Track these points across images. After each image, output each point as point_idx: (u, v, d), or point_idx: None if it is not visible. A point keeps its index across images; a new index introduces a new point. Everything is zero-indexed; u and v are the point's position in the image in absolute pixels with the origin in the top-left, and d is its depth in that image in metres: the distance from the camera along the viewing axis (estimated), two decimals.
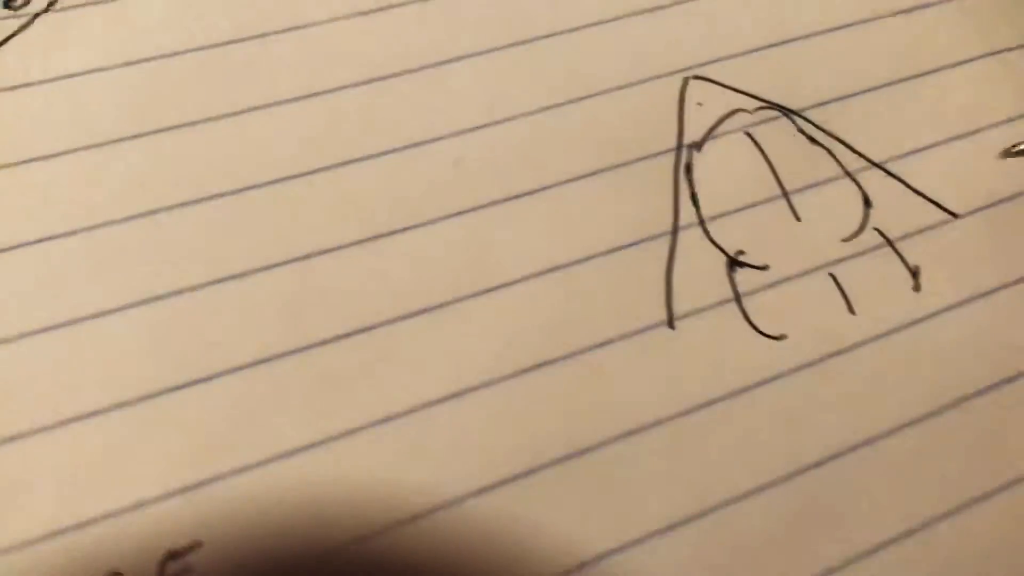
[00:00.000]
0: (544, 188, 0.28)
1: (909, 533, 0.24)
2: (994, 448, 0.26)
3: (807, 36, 0.31)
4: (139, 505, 0.22)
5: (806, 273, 0.27)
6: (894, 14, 0.31)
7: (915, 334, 0.27)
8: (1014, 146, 0.27)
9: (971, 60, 0.31)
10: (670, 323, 0.26)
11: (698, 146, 0.29)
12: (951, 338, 0.27)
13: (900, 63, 0.31)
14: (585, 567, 0.23)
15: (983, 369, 0.27)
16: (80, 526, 0.22)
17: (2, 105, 0.26)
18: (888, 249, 0.28)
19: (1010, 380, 0.27)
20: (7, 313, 0.24)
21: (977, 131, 0.30)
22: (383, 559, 0.22)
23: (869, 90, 0.30)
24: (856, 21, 0.31)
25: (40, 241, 0.25)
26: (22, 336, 0.23)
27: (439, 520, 0.23)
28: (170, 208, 0.26)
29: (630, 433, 0.25)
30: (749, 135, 0.29)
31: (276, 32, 0.29)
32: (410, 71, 0.29)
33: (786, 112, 0.29)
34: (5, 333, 0.23)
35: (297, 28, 0.29)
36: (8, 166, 0.25)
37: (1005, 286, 0.28)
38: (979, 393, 0.26)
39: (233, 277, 0.25)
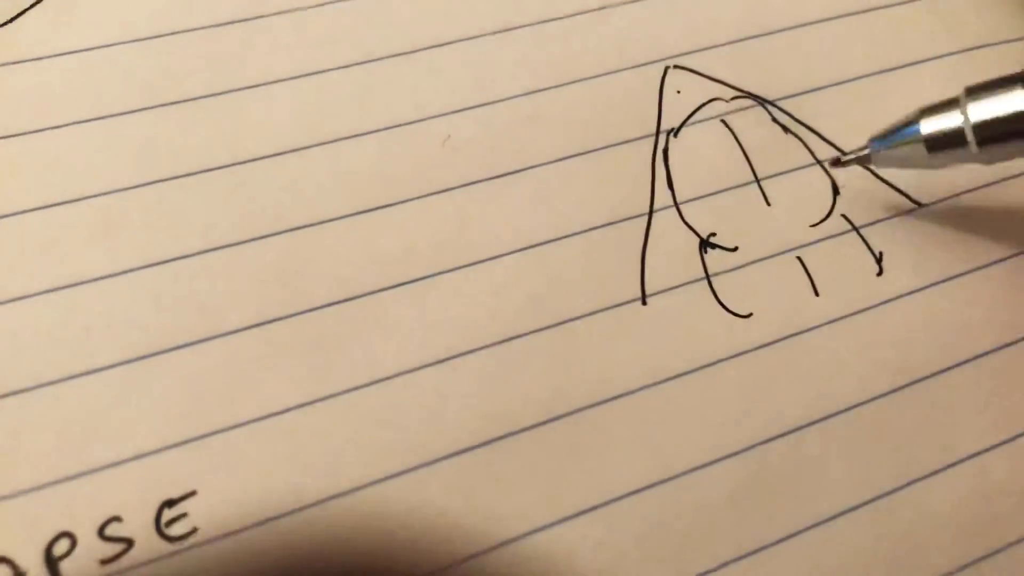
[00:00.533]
0: (527, 168, 0.29)
1: (862, 504, 0.26)
2: (945, 427, 0.27)
3: (783, 29, 0.32)
4: (137, 456, 0.24)
5: (774, 255, 0.29)
6: (868, 10, 0.33)
7: (876, 317, 0.28)
8: (837, 159, 0.29)
9: (941, 56, 0.32)
10: (643, 299, 0.27)
11: (675, 132, 0.30)
12: (910, 322, 0.28)
13: (872, 57, 0.32)
14: (556, 525, 0.25)
15: (939, 352, 0.28)
16: (81, 474, 0.23)
17: (16, 77, 0.27)
18: (854, 235, 0.29)
19: (963, 363, 0.28)
20: (15, 273, 0.25)
21: None
22: (364, 512, 0.24)
23: (842, 83, 0.31)
24: (831, 16, 0.32)
25: (49, 206, 0.26)
26: (30, 295, 0.25)
27: (418, 478, 0.24)
28: (171, 178, 0.27)
29: (602, 402, 0.26)
30: (725, 123, 0.30)
31: (273, 14, 0.30)
32: (401, 53, 0.30)
33: (761, 102, 0.31)
34: (13, 292, 0.25)
35: (293, 10, 0.30)
36: (21, 135, 0.27)
37: (963, 273, 0.29)
38: (934, 375, 0.28)
39: (229, 245, 0.26)
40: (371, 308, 0.26)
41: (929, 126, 0.25)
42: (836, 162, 0.29)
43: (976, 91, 0.25)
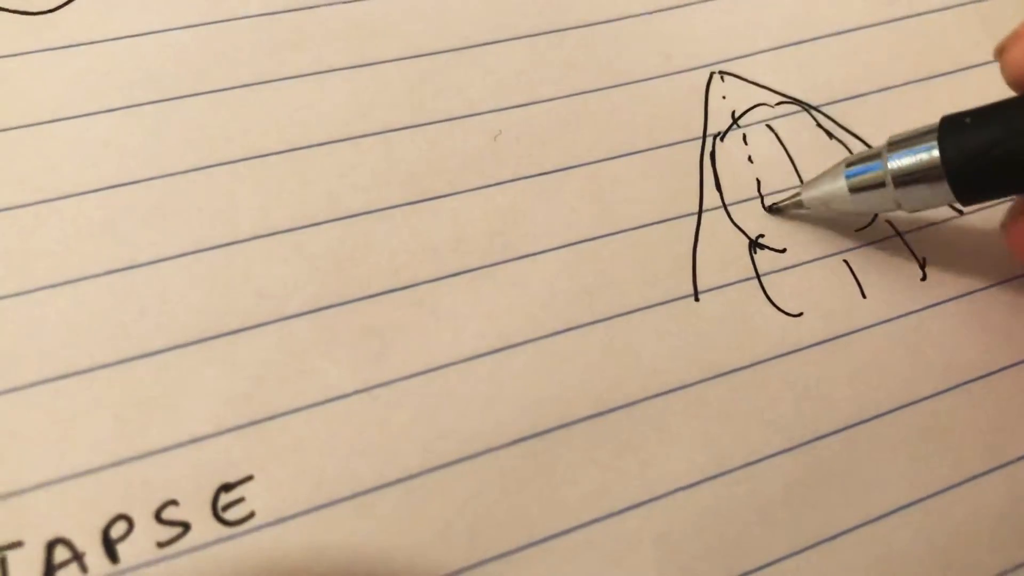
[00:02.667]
0: (576, 165, 0.29)
1: (914, 502, 0.26)
2: (993, 429, 0.27)
3: (828, 35, 0.32)
4: (194, 440, 0.23)
5: (822, 258, 0.29)
6: (912, 16, 0.33)
7: (921, 319, 0.29)
8: (775, 204, 0.29)
9: (985, 64, 0.32)
10: (695, 296, 0.27)
11: (722, 136, 0.30)
12: (954, 325, 0.29)
13: (916, 64, 0.32)
14: (610, 518, 0.24)
15: (983, 355, 0.28)
16: (138, 457, 0.23)
17: (69, 60, 0.27)
18: (898, 240, 0.30)
19: (1008, 367, 0.28)
20: (72, 255, 0.25)
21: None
22: (421, 499, 0.24)
23: (885, 89, 0.32)
24: (875, 22, 0.33)
25: (102, 189, 0.26)
26: (86, 277, 0.25)
27: (473, 467, 0.24)
28: (225, 163, 0.27)
29: (656, 395, 0.26)
30: (770, 127, 0.31)
31: (326, 4, 0.30)
32: (452, 50, 0.30)
33: (805, 107, 0.31)
34: (70, 274, 0.24)
35: (346, 2, 0.30)
36: (76, 117, 0.26)
37: (1005, 280, 0.30)
38: (979, 378, 0.28)
39: (284, 231, 0.26)
40: (425, 297, 0.26)
41: (853, 173, 0.27)
42: (771, 208, 0.29)
43: (896, 144, 0.26)
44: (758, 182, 0.30)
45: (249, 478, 0.23)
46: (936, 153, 0.25)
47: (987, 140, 0.24)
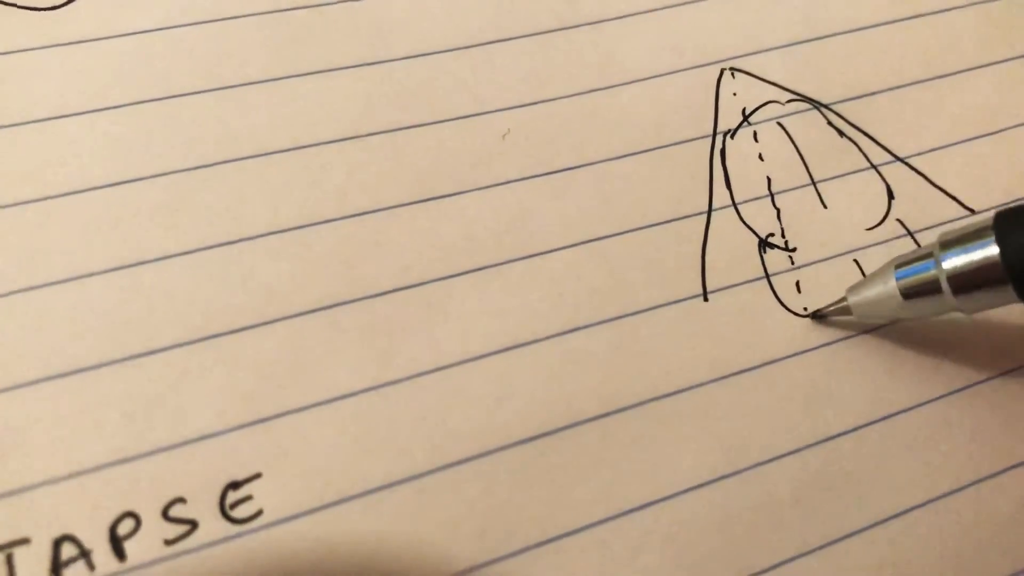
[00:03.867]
0: (585, 164, 0.29)
1: (925, 503, 0.26)
2: (1005, 431, 0.27)
3: (839, 33, 0.32)
4: (202, 437, 0.23)
5: (832, 257, 0.29)
6: (923, 15, 0.33)
7: (932, 320, 0.28)
8: (818, 311, 0.28)
9: (995, 63, 0.32)
10: (704, 296, 0.27)
11: (732, 134, 0.30)
12: (966, 327, 0.28)
13: (927, 63, 0.32)
14: (619, 518, 0.24)
15: (995, 357, 0.28)
16: (145, 455, 0.23)
17: (76, 56, 0.27)
18: (909, 239, 0.29)
19: (1018, 369, 0.28)
20: (78, 252, 0.25)
21: (998, 131, 0.31)
22: (429, 498, 0.24)
23: (897, 88, 0.32)
24: (886, 21, 0.33)
25: (108, 186, 0.26)
26: (93, 274, 0.24)
27: (482, 466, 0.24)
28: (233, 160, 0.27)
29: (666, 395, 0.26)
30: (781, 125, 0.31)
31: (334, 2, 0.30)
32: (460, 48, 0.30)
33: (816, 105, 0.31)
34: (76, 270, 0.24)
35: (353, 0, 0.30)
36: (82, 113, 0.26)
37: None
38: (990, 379, 0.28)
39: (292, 228, 0.26)
40: (434, 295, 0.26)
41: (904, 275, 0.25)
42: (816, 315, 0.28)
43: (949, 243, 0.24)
44: (768, 180, 0.29)
45: (257, 476, 0.23)
46: (994, 251, 0.23)
47: None
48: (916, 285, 0.25)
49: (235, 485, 0.23)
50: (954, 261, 0.24)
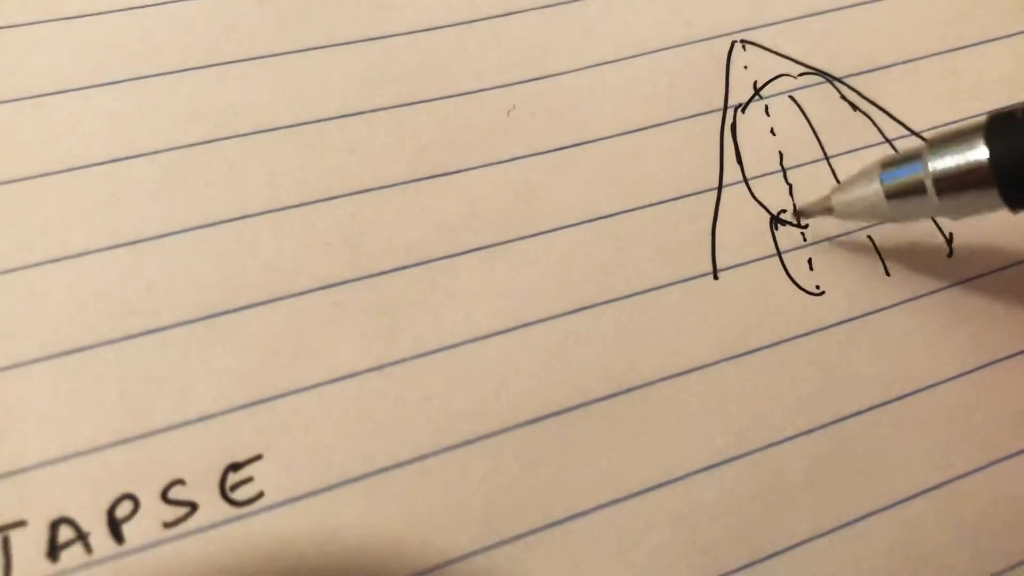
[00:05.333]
0: (593, 140, 0.28)
1: (940, 485, 0.25)
2: (1019, 411, 0.27)
3: (852, 5, 0.31)
4: (202, 418, 0.23)
5: (845, 234, 0.28)
6: None
7: (947, 298, 0.28)
8: (802, 209, 0.28)
9: (1012, 35, 0.31)
10: (714, 274, 0.27)
11: (743, 108, 0.29)
12: (981, 304, 0.28)
13: (941, 35, 0.31)
14: (627, 500, 0.24)
15: (1011, 335, 0.27)
16: (143, 436, 0.22)
17: (72, 32, 0.27)
18: None
19: None
20: (76, 231, 0.24)
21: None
22: (434, 479, 0.23)
23: (911, 60, 0.31)
24: None
25: (107, 163, 0.25)
26: (91, 251, 0.24)
27: (489, 447, 0.24)
28: (233, 137, 0.26)
29: (675, 375, 0.25)
30: (793, 99, 0.30)
31: None
32: (464, 22, 0.29)
33: (829, 78, 0.30)
34: (74, 248, 0.24)
35: None
36: (80, 89, 0.26)
37: None
38: (1006, 358, 0.27)
39: (293, 206, 0.25)
40: (438, 274, 0.25)
41: (889, 176, 0.25)
42: (798, 215, 0.28)
43: (937, 143, 0.24)
44: (780, 155, 0.29)
45: (258, 457, 0.23)
46: (984, 154, 0.22)
47: None
48: (901, 186, 0.24)
49: (236, 467, 0.22)
50: (941, 162, 0.23)
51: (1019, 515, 0.25)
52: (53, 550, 0.21)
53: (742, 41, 0.30)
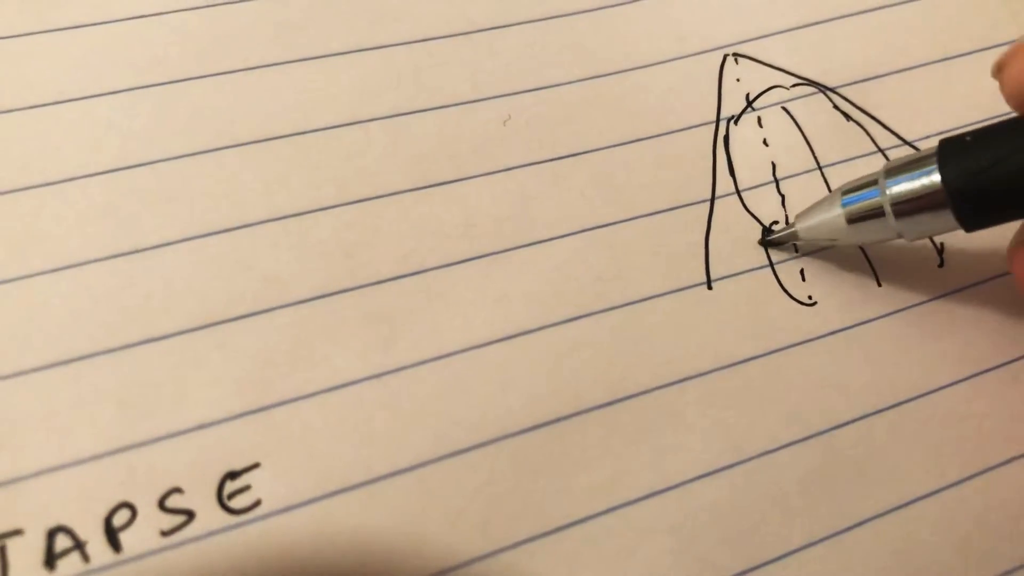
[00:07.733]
0: (588, 151, 0.28)
1: (932, 493, 0.25)
2: (1012, 419, 0.27)
3: (844, 15, 0.32)
4: (199, 426, 0.23)
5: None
6: None
7: (938, 308, 0.28)
8: (769, 238, 0.28)
9: (1005, 43, 0.32)
10: (708, 284, 0.27)
11: (736, 120, 0.30)
12: (971, 314, 0.28)
13: (935, 44, 0.32)
14: (624, 507, 0.24)
15: (1001, 345, 0.28)
16: (141, 444, 0.22)
17: (71, 42, 0.27)
18: None
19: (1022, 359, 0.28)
20: (75, 240, 0.24)
21: (1007, 115, 0.31)
22: (432, 487, 0.23)
23: (904, 70, 0.31)
24: (893, 2, 0.32)
25: (106, 172, 0.25)
26: (89, 261, 0.24)
27: (485, 455, 0.24)
28: (231, 147, 0.26)
29: (668, 384, 0.25)
30: (786, 110, 0.30)
31: None
32: (460, 34, 0.30)
33: (822, 89, 0.31)
34: (72, 257, 0.24)
35: None
36: (78, 99, 0.26)
37: None
38: (997, 367, 0.27)
39: (291, 215, 0.26)
40: (435, 282, 0.26)
41: (849, 201, 0.26)
42: (765, 240, 0.28)
43: (893, 169, 0.25)
44: (773, 166, 0.29)
45: (255, 466, 0.23)
46: (937, 177, 0.24)
47: (990, 159, 0.23)
48: (861, 210, 0.25)
49: (233, 475, 0.23)
50: (898, 187, 0.24)
51: (1012, 522, 0.25)
52: (50, 559, 0.21)
53: (734, 54, 0.31)
